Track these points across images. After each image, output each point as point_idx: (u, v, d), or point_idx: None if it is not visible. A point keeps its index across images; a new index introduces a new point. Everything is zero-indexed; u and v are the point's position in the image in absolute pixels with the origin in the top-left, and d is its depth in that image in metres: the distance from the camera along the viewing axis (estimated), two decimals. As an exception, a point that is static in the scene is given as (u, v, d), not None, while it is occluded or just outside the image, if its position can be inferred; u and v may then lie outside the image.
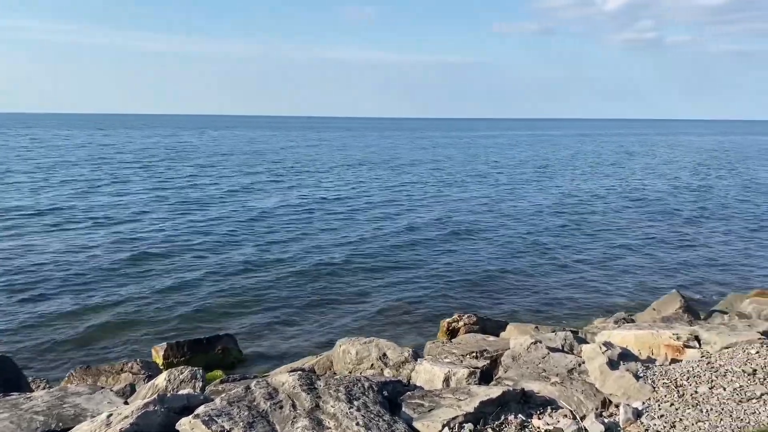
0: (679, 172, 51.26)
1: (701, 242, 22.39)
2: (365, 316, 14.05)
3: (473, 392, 5.95)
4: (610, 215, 28.04)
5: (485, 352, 8.43)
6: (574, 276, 17.62)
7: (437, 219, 26.19)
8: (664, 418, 5.53)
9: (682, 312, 11.44)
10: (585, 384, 6.42)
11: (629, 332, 7.92)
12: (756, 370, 6.44)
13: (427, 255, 19.68)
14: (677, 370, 6.59)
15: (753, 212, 29.47)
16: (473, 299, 15.50)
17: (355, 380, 5.95)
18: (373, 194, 33.89)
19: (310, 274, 17.24)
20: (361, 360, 8.22)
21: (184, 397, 5.84)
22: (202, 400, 5.80)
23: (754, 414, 5.52)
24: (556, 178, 43.87)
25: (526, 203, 31.30)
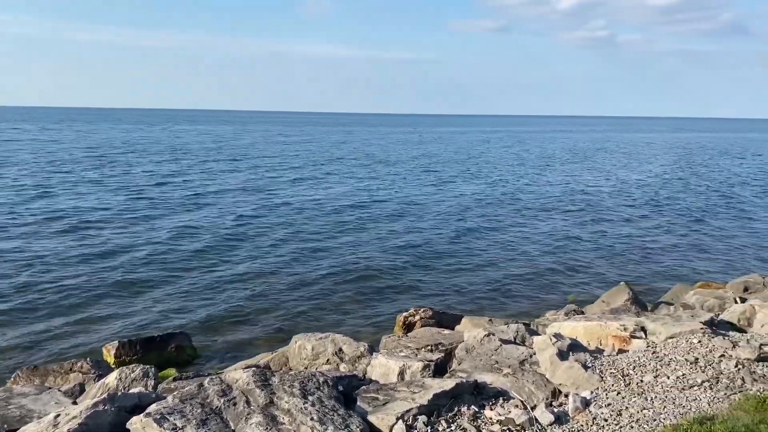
0: (629, 167, 52.56)
1: (649, 236, 23.04)
2: (322, 311, 14.04)
3: (427, 385, 6.02)
4: (561, 211, 28.59)
5: (440, 345, 8.55)
6: (527, 269, 17.94)
7: (394, 215, 26.27)
8: (611, 406, 5.70)
9: (630, 304, 11.77)
10: (536, 375, 6.57)
11: (579, 324, 8.14)
12: (698, 359, 6.69)
13: (384, 250, 19.75)
14: (624, 360, 6.80)
15: (698, 206, 30.45)
16: (430, 293, 15.64)
17: (310, 376, 5.96)
18: (330, 189, 33.79)
19: (266, 270, 17.11)
20: (317, 355, 8.23)
21: (136, 395, 5.75)
22: (154, 399, 5.73)
23: (695, 401, 5.74)
24: (507, 174, 44.46)
25: (482, 199, 31.65)
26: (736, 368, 6.40)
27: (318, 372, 6.28)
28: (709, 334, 7.47)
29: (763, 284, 13.93)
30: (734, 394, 5.82)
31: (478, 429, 5.38)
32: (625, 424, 5.32)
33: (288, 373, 6.24)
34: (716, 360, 6.65)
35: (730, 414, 5.33)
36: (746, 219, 27.05)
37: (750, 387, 5.99)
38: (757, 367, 6.48)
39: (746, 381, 6.12)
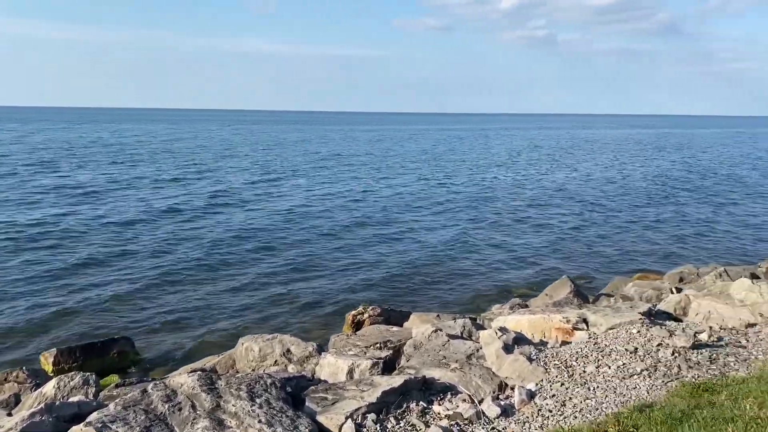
0: (570, 163, 53.90)
1: (590, 230, 23.69)
2: (269, 312, 13.87)
3: (376, 383, 6.04)
4: (504, 206, 29.09)
5: (389, 343, 8.57)
6: (473, 265, 18.18)
7: (339, 213, 26.21)
8: (556, 397, 5.84)
9: (572, 296, 12.08)
10: (483, 368, 6.67)
11: (523, 317, 8.30)
12: (637, 349, 6.92)
13: (332, 249, 19.67)
14: (567, 351, 6.98)
15: (635, 200, 31.47)
16: (379, 291, 15.67)
17: (258, 378, 5.90)
18: (273, 188, 33.45)
19: (210, 271, 16.80)
20: (264, 357, 8.14)
21: (75, 404, 5.57)
22: (95, 407, 5.57)
23: (635, 389, 5.94)
24: (452, 172, 44.95)
25: (426, 196, 31.89)
26: (672, 356, 6.65)
27: (265, 374, 6.22)
28: (647, 324, 7.74)
29: (697, 274, 14.50)
30: (671, 381, 6.04)
31: (427, 424, 5.43)
32: (569, 414, 5.46)
33: (235, 375, 6.16)
34: (654, 349, 6.89)
35: (668, 400, 5.53)
36: (681, 212, 28.10)
37: (686, 374, 6.23)
38: (692, 354, 6.75)
39: (682, 368, 6.36)
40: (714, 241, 22.14)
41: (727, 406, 5.22)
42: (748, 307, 8.90)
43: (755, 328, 8.11)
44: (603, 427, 5.00)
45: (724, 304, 9.06)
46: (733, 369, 6.42)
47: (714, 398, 5.45)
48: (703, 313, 9.03)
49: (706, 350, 6.91)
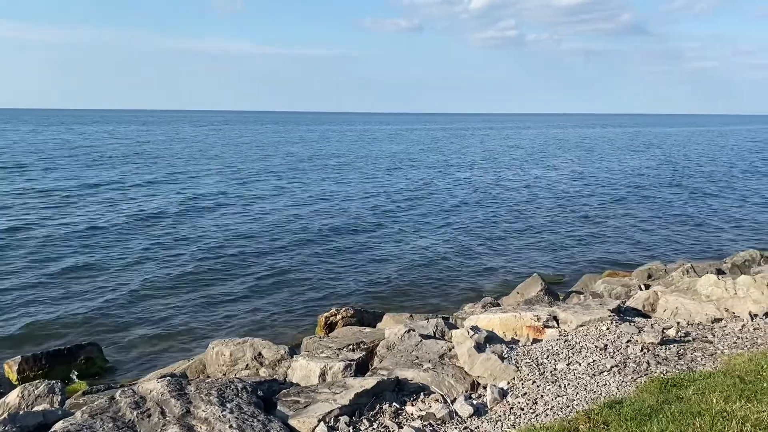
0: (539, 162, 54.46)
1: (560, 228, 23.94)
2: (241, 316, 13.73)
3: (348, 385, 6.01)
4: (476, 205, 29.26)
5: (362, 344, 8.54)
6: (446, 264, 18.24)
7: (310, 214, 26.09)
8: (527, 395, 5.87)
9: (543, 294, 12.19)
10: (455, 368, 6.69)
11: (495, 316, 8.34)
12: (607, 345, 7.00)
13: (303, 251, 19.56)
14: (538, 349, 7.03)
15: (604, 198, 31.91)
16: (352, 292, 15.62)
17: (228, 382, 5.83)
18: (244, 191, 33.17)
19: (180, 275, 16.56)
20: (235, 361, 8.04)
21: (40, 413, 5.44)
22: (61, 416, 5.44)
23: (605, 386, 6.00)
24: (423, 173, 45.09)
25: (397, 198, 31.92)
26: (641, 352, 6.74)
27: (236, 378, 6.15)
28: (617, 320, 7.84)
29: (665, 271, 14.75)
30: (640, 377, 6.12)
31: (400, 425, 5.42)
32: (541, 412, 5.50)
33: (205, 380, 6.08)
34: (623, 345, 6.98)
35: (637, 396, 5.60)
36: (649, 209, 28.55)
37: (654, 370, 6.32)
38: (660, 350, 6.85)
39: (651, 364, 6.45)
40: (681, 238, 22.53)
41: (695, 401, 5.30)
42: (714, 302, 9.07)
43: (721, 323, 8.27)
44: (574, 424, 5.04)
45: (691, 299, 9.22)
46: (700, 364, 6.53)
47: (682, 393, 5.54)
48: (671, 309, 9.17)
49: (674, 346, 7.03)
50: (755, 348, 7.00)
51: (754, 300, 8.94)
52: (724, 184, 38.82)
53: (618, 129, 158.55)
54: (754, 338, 7.43)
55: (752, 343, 7.21)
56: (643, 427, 4.83)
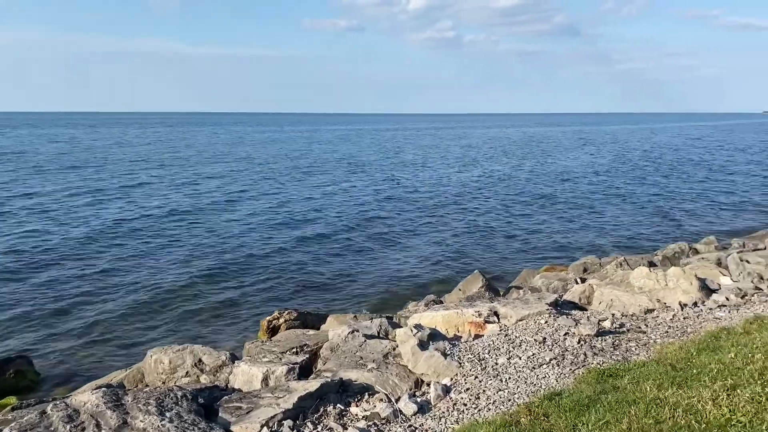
0: (476, 161, 55.34)
1: (500, 225, 24.38)
2: (180, 322, 13.40)
3: (292, 388, 5.95)
4: (417, 204, 29.48)
5: (305, 347, 8.46)
6: (390, 263, 18.31)
7: (253, 217, 25.74)
8: (470, 390, 5.94)
9: (484, 290, 12.38)
10: (399, 367, 6.71)
11: (437, 313, 8.42)
12: (545, 338, 7.15)
13: (244, 254, 19.26)
14: (480, 344, 7.12)
15: (540, 194, 32.69)
16: (295, 295, 15.48)
17: (167, 391, 5.68)
18: (182, 193, 32.44)
19: (115, 283, 16.04)
20: (175, 369, 7.84)
21: (-36, 433, 5.16)
22: (-13, 434, 5.17)
23: (545, 378, 6.13)
24: (364, 172, 45.18)
25: (337, 198, 31.86)
26: (578, 344, 6.92)
27: (176, 386, 6.00)
28: (555, 314, 8.03)
29: (599, 264, 15.21)
30: (578, 369, 6.28)
31: (344, 427, 5.39)
32: (483, 407, 5.57)
33: (143, 390, 5.90)
34: (561, 338, 7.15)
35: (576, 387, 5.75)
36: (584, 205, 29.41)
37: (591, 361, 6.50)
38: (597, 341, 7.05)
39: (588, 355, 6.64)
40: (615, 233, 23.30)
41: (630, 390, 5.48)
42: (646, 293, 9.41)
43: (653, 314, 8.59)
44: (515, 418, 5.13)
45: (624, 291, 9.54)
46: (635, 353, 6.76)
47: (618, 383, 5.71)
48: (606, 301, 9.47)
49: (610, 337, 7.25)
50: (685, 336, 7.29)
51: (684, 290, 9.32)
52: (656, 180, 40.36)
53: (555, 128, 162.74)
54: (684, 327, 7.74)
55: (682, 332, 7.51)
56: (582, 417, 4.96)
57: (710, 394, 5.19)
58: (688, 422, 4.73)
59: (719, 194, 33.46)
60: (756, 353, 6.21)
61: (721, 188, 35.82)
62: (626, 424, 4.77)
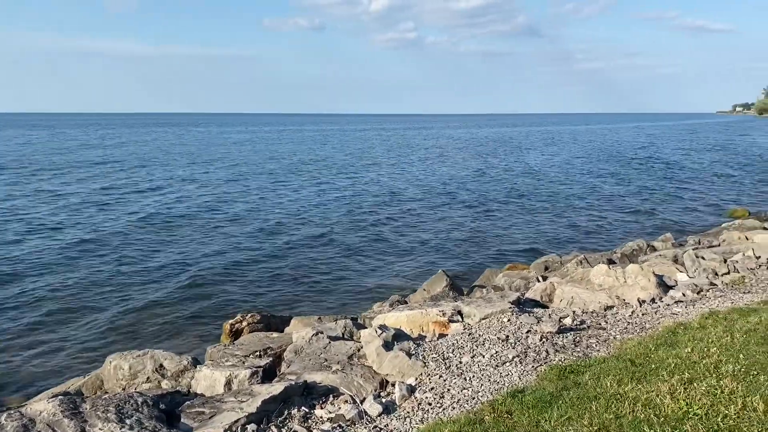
0: (442, 161, 55.67)
1: (463, 225, 24.55)
2: (140, 327, 13.13)
3: (255, 392, 5.89)
4: (380, 205, 29.50)
5: (269, 350, 8.39)
6: (354, 264, 18.28)
7: (213, 219, 25.41)
8: (435, 390, 5.97)
9: (448, 290, 12.44)
10: (364, 368, 6.70)
11: (402, 314, 8.43)
12: (508, 336, 7.23)
13: (206, 256, 19.00)
14: (444, 344, 7.16)
15: (504, 197, 33.04)
16: (258, 297, 15.32)
17: (127, 397, 5.56)
18: (140, 193, 31.86)
19: (72, 284, 15.66)
20: (135, 374, 7.69)
21: None
22: (-63, 447, 5.00)
23: (508, 376, 6.20)
24: (326, 172, 45.04)
25: (299, 199, 31.70)
26: (540, 342, 7.01)
27: (136, 392, 5.88)
28: (517, 312, 8.12)
29: (560, 263, 15.44)
30: (540, 366, 6.36)
31: (309, 429, 5.36)
32: (448, 406, 5.60)
33: (101, 397, 5.76)
34: (524, 336, 7.24)
35: (538, 384, 5.82)
36: (545, 205, 29.83)
37: (553, 357, 6.59)
38: (558, 338, 7.15)
39: (550, 352, 6.73)
40: (575, 231, 23.69)
41: (591, 386, 5.57)
42: (606, 290, 9.59)
43: (613, 310, 8.76)
44: (480, 416, 5.17)
45: (585, 289, 9.70)
46: (595, 350, 6.88)
47: (579, 379, 5.81)
48: (567, 299, 9.61)
49: (571, 334, 7.36)
50: (644, 332, 7.45)
51: (642, 287, 9.52)
52: (614, 179, 41.17)
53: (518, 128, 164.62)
54: (642, 323, 7.91)
55: (641, 328, 7.67)
56: (544, 414, 5.02)
57: (668, 388, 5.31)
58: (647, 416, 4.83)
59: (676, 192, 34.32)
60: (711, 347, 6.38)
61: (677, 186, 36.74)
62: (588, 420, 4.85)
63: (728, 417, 4.73)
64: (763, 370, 5.66)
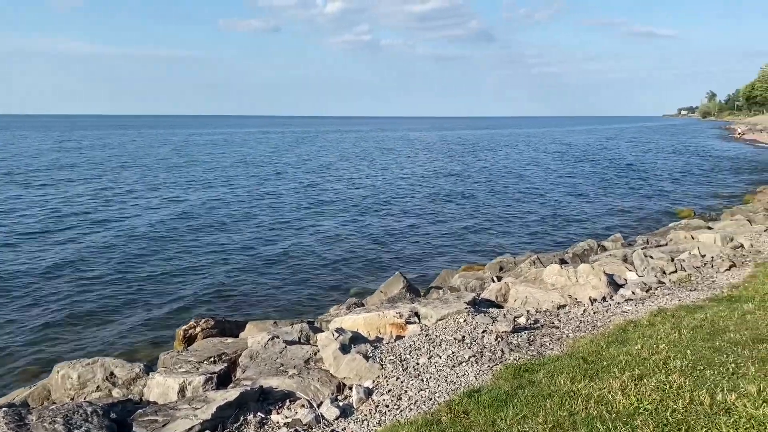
0: (395, 163, 55.87)
1: (419, 226, 24.69)
2: (89, 334, 12.77)
3: (210, 398, 5.78)
4: (335, 207, 29.44)
5: (224, 355, 8.25)
6: (309, 268, 18.16)
7: (164, 223, 24.92)
8: (392, 392, 5.97)
9: (405, 291, 12.48)
10: (321, 372, 6.65)
11: (359, 316, 8.41)
12: (464, 337, 7.28)
13: (157, 261, 18.62)
14: (401, 345, 7.17)
15: (458, 197, 33.36)
16: (213, 303, 15.07)
17: (76, 407, 5.40)
18: (88, 198, 31.04)
19: (16, 293, 15.14)
20: (84, 383, 7.46)
21: None
22: None
23: (464, 376, 6.24)
24: (279, 175, 44.72)
25: (252, 202, 31.37)
26: (496, 341, 7.09)
27: (85, 402, 5.70)
28: (473, 312, 8.20)
29: (514, 263, 15.66)
30: (496, 365, 6.43)
31: (265, 435, 5.30)
32: (405, 407, 5.60)
33: (49, 407, 5.57)
34: (480, 336, 7.30)
35: (494, 383, 5.88)
36: (499, 206, 30.24)
37: (508, 357, 6.67)
38: (513, 338, 7.25)
39: (505, 352, 6.81)
40: (529, 232, 24.08)
41: (545, 384, 5.66)
42: (558, 290, 9.76)
43: (565, 309, 8.92)
44: (437, 416, 5.19)
45: (538, 288, 9.86)
46: (549, 348, 6.99)
47: (533, 377, 5.89)
48: (521, 299, 9.75)
49: (525, 333, 7.46)
50: (595, 330, 7.61)
51: (593, 286, 9.73)
52: (566, 180, 42.02)
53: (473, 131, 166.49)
54: (594, 321, 8.08)
55: (593, 326, 7.84)
56: (500, 413, 5.08)
57: (619, 384, 5.43)
58: (600, 412, 4.93)
59: (625, 193, 35.25)
60: (660, 344, 6.56)
61: (626, 187, 37.73)
62: (542, 417, 4.92)
63: (676, 411, 4.87)
64: (709, 365, 5.85)
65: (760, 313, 7.64)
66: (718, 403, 4.94)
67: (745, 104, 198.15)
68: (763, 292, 8.86)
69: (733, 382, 5.39)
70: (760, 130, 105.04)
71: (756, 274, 10.35)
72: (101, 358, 7.82)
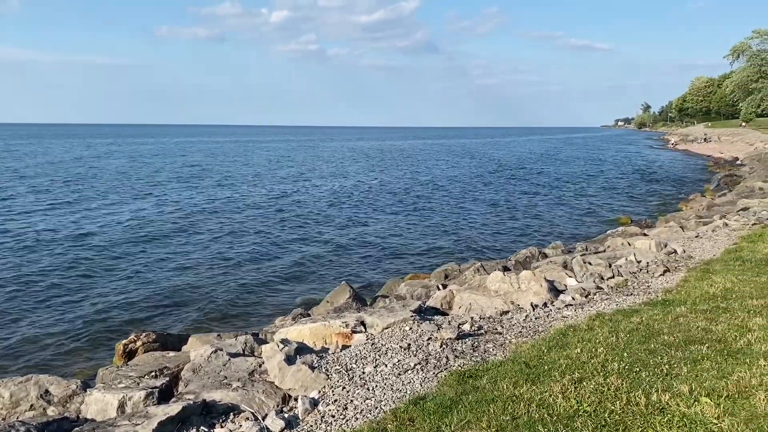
0: (341, 172, 55.88)
1: (365, 236, 24.73)
2: (21, 351, 12.25)
3: (151, 413, 5.64)
4: (276, 217, 29.21)
5: (165, 369, 8.07)
6: (254, 279, 17.93)
7: (99, 236, 24.20)
8: (338, 401, 5.95)
9: (351, 301, 12.48)
10: (266, 383, 6.57)
11: (305, 326, 8.36)
12: (410, 345, 7.33)
13: (95, 273, 18.04)
14: (347, 355, 7.16)
15: (403, 207, 33.59)
16: (154, 316, 14.69)
17: (8, 427, 5.19)
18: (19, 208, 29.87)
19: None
20: (17, 402, 7.15)
21: None
22: None
23: (410, 384, 6.28)
24: (220, 186, 44.13)
25: (195, 212, 30.84)
26: (441, 348, 7.16)
27: (17, 421, 5.49)
28: (418, 320, 8.26)
29: (459, 271, 15.86)
30: (441, 372, 6.49)
31: (209, 450, 5.20)
32: (351, 417, 5.60)
33: (-22, 429, 5.33)
34: (425, 343, 7.37)
35: (439, 390, 5.94)
36: (442, 214, 30.59)
37: (453, 363, 6.75)
38: (458, 344, 7.33)
39: (450, 358, 6.88)
40: (472, 239, 24.43)
41: (489, 389, 5.75)
42: (501, 296, 9.94)
43: (508, 315, 9.08)
44: (382, 425, 5.20)
45: (482, 295, 10.01)
46: (492, 354, 7.10)
47: (477, 383, 5.98)
48: (466, 305, 9.88)
49: (469, 339, 7.57)
50: (537, 335, 7.78)
51: (535, 292, 9.95)
52: (507, 188, 42.86)
53: (416, 141, 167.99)
54: (536, 327, 8.26)
55: (534, 331, 8.01)
56: (445, 419, 5.13)
57: (560, 388, 5.57)
58: (541, 416, 5.04)
59: (565, 202, 36.21)
60: (599, 347, 6.76)
61: (566, 196, 38.77)
62: (486, 422, 5.00)
63: (614, 412, 5.03)
64: (645, 366, 6.07)
65: (692, 315, 7.97)
66: (653, 403, 5.13)
67: (677, 116, 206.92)
68: (694, 295, 9.24)
69: (667, 382, 5.61)
70: (691, 140, 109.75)
71: (688, 278, 10.78)
72: (35, 375, 7.51)
